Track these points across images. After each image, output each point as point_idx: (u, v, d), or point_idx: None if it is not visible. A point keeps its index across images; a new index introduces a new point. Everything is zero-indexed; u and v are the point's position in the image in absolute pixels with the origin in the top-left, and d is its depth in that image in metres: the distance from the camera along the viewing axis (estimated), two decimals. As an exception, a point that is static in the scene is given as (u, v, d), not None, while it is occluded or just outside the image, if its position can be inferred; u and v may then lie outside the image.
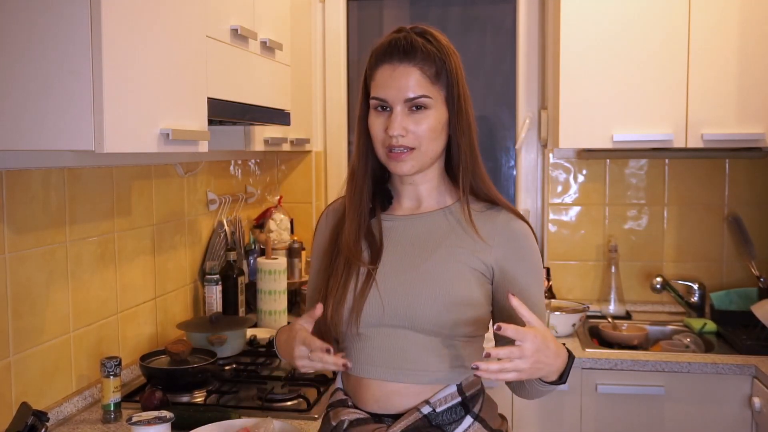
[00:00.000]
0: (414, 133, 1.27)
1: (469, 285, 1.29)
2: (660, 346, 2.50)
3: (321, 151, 3.21)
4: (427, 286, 1.28)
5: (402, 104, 1.27)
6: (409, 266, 1.31)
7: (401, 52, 1.27)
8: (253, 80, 2.03)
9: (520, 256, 1.33)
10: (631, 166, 2.88)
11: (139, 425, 1.43)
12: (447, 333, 1.28)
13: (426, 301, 1.27)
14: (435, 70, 1.28)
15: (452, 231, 1.33)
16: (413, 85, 1.26)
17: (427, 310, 1.27)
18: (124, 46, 1.33)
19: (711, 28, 2.45)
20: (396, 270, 1.31)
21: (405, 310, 1.28)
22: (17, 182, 1.60)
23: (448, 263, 1.30)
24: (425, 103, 1.27)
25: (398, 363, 1.29)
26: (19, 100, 1.28)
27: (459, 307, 1.27)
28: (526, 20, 3.00)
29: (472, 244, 1.31)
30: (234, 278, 2.51)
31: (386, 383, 1.30)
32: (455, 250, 1.31)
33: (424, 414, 1.26)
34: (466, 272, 1.29)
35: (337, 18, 3.17)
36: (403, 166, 1.29)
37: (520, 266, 1.32)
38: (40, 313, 1.68)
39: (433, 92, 1.28)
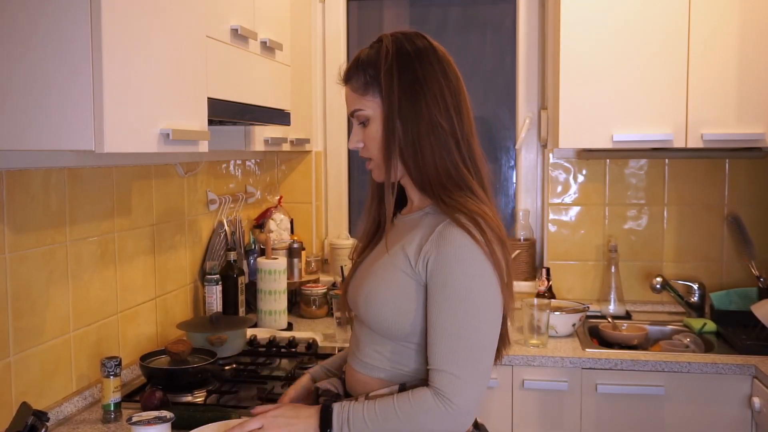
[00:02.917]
0: (366, 145, 1.36)
1: (392, 287, 1.28)
2: (660, 346, 2.50)
3: (321, 151, 3.21)
4: (366, 284, 1.34)
5: (354, 120, 1.37)
6: (371, 262, 1.38)
7: (344, 75, 1.37)
8: (253, 80, 2.03)
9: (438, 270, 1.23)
10: (631, 166, 2.88)
11: (139, 425, 1.43)
12: (382, 332, 1.32)
13: (362, 298, 1.34)
14: (362, 81, 1.32)
15: (408, 234, 1.32)
16: (349, 102, 1.37)
17: (361, 306, 1.34)
18: (124, 46, 1.33)
19: (711, 28, 2.45)
20: (364, 265, 1.41)
21: (352, 303, 1.40)
22: (17, 182, 1.60)
23: (387, 265, 1.31)
24: (361, 116, 1.35)
25: (356, 351, 1.39)
26: (19, 100, 1.28)
27: (383, 310, 1.29)
28: (526, 20, 3.00)
29: (412, 249, 1.28)
30: (234, 278, 2.51)
31: (351, 368, 1.40)
32: (398, 254, 1.30)
33: None
34: (396, 274, 1.28)
35: (337, 18, 3.17)
36: (374, 174, 1.39)
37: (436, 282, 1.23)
38: (40, 313, 1.68)
39: (365, 103, 1.33)
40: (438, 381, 1.22)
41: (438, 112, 1.28)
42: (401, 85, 1.28)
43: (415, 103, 1.28)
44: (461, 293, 1.22)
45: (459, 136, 1.30)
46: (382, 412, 1.22)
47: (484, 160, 1.37)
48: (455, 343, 1.21)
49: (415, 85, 1.28)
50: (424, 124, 1.28)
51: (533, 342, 2.35)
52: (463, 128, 1.32)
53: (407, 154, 1.30)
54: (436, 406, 1.21)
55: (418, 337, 1.29)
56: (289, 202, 3.18)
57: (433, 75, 1.30)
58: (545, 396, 2.29)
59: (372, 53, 1.33)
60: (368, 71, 1.31)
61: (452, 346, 1.21)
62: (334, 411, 1.24)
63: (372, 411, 1.23)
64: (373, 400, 1.24)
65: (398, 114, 1.29)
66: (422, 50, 1.31)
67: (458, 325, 1.21)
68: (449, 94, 1.31)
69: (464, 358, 1.21)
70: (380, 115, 1.31)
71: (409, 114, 1.28)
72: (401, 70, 1.29)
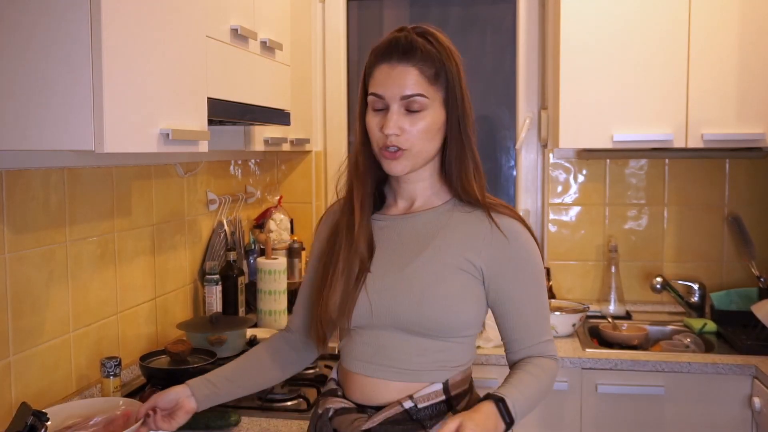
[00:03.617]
0: (408, 133, 1.27)
1: (452, 286, 1.29)
2: (660, 346, 2.50)
3: (321, 151, 3.21)
4: (411, 287, 1.29)
5: (398, 102, 1.27)
6: (397, 267, 1.32)
7: (400, 51, 1.27)
8: (253, 80, 2.03)
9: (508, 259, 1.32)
10: (631, 166, 2.88)
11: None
12: (430, 333, 1.30)
13: (408, 302, 1.29)
14: (434, 71, 1.27)
15: (441, 231, 1.33)
16: (411, 83, 1.26)
17: (408, 311, 1.29)
18: (124, 46, 1.33)
19: (711, 28, 2.45)
20: (385, 271, 1.33)
21: (389, 311, 1.30)
22: (17, 182, 1.59)
23: (432, 264, 1.30)
24: (421, 102, 1.27)
25: (382, 360, 1.32)
26: (19, 100, 1.28)
27: (441, 309, 1.28)
28: (526, 20, 3.00)
29: (460, 244, 1.31)
30: (234, 278, 2.51)
31: (371, 378, 1.33)
32: (441, 251, 1.31)
33: (406, 408, 1.28)
34: (451, 273, 1.30)
35: (337, 18, 3.17)
36: (396, 166, 1.30)
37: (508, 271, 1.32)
38: (40, 313, 1.68)
39: (431, 92, 1.28)
40: (550, 349, 1.38)
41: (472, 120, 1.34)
42: (461, 84, 1.31)
43: (467, 102, 1.32)
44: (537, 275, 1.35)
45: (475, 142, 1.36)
46: (530, 389, 1.31)
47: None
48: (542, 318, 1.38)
49: (465, 92, 1.32)
50: (471, 123, 1.33)
51: (533, 342, 2.35)
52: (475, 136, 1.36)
53: (455, 150, 1.32)
54: (556, 368, 1.39)
55: (471, 330, 1.35)
56: (289, 202, 3.18)
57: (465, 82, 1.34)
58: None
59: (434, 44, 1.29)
60: (436, 63, 1.28)
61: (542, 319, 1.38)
62: (507, 401, 1.26)
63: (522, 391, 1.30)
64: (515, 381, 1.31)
65: (459, 111, 1.30)
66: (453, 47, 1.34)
67: (541, 301, 1.37)
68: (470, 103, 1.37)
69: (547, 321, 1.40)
70: (442, 108, 1.30)
71: (465, 112, 1.31)
72: (460, 69, 1.31)
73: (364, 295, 1.32)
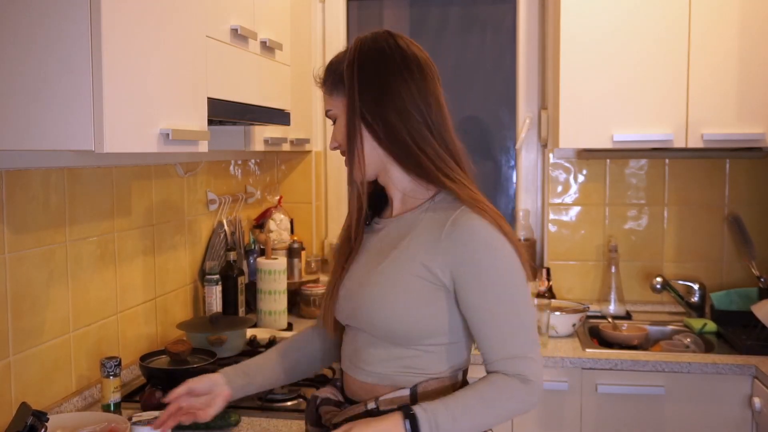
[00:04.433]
0: (339, 143, 1.36)
1: (407, 293, 1.26)
2: (660, 346, 2.50)
3: (321, 151, 3.21)
4: (370, 291, 1.30)
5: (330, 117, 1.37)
6: (364, 271, 1.34)
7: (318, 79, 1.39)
8: (253, 80, 2.03)
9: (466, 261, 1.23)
10: (631, 166, 2.88)
11: (139, 425, 1.43)
12: (391, 339, 1.29)
13: (366, 305, 1.30)
14: (330, 82, 1.35)
15: (407, 235, 1.30)
16: (324, 104, 1.38)
17: (366, 313, 1.30)
18: (124, 46, 1.33)
19: (711, 27, 2.45)
20: (356, 274, 1.36)
21: (352, 311, 1.34)
22: (17, 182, 1.60)
23: (390, 270, 1.28)
24: (331, 115, 1.36)
25: (356, 361, 1.35)
26: (19, 100, 1.28)
27: (393, 316, 1.26)
28: (526, 20, 3.00)
29: (419, 250, 1.27)
30: (234, 278, 2.51)
31: (350, 376, 1.37)
32: (401, 256, 1.28)
33: (368, 409, 1.29)
34: (407, 280, 1.26)
35: (337, 18, 3.17)
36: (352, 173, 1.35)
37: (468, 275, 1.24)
38: (40, 313, 1.68)
39: (333, 103, 1.35)
40: (519, 367, 1.24)
41: (402, 104, 1.28)
42: (361, 82, 1.29)
43: (376, 98, 1.29)
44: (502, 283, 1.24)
45: (431, 125, 1.29)
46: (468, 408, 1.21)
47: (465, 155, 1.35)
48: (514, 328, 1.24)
49: (376, 81, 1.29)
50: (393, 113, 1.28)
51: (533, 342, 2.35)
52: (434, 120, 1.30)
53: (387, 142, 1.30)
54: (524, 391, 1.24)
55: (440, 339, 1.29)
56: (289, 202, 3.18)
57: (395, 72, 1.29)
58: (545, 396, 2.28)
59: (340, 56, 1.36)
60: (336, 73, 1.34)
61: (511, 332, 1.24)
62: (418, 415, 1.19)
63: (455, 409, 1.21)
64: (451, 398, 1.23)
65: (360, 109, 1.29)
66: (383, 49, 1.31)
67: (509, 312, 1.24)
68: (415, 89, 1.29)
69: (525, 338, 1.25)
70: (344, 112, 1.33)
71: (372, 108, 1.29)
72: (361, 69, 1.30)
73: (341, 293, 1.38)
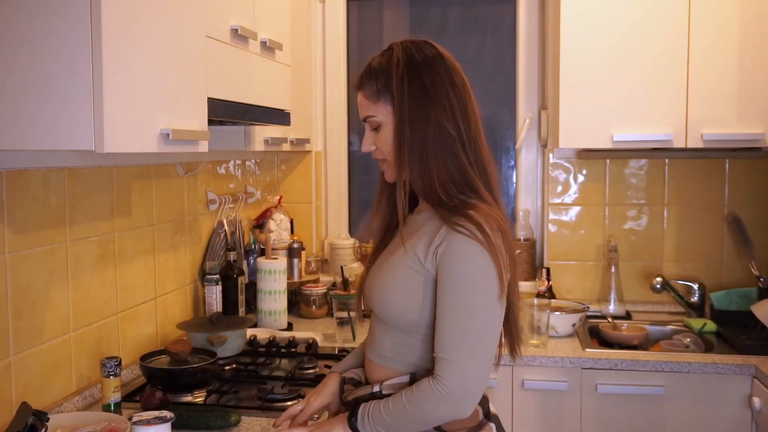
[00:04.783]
0: (380, 148, 1.42)
1: (406, 285, 1.36)
2: (660, 346, 2.50)
3: (321, 151, 3.21)
4: (378, 280, 1.43)
5: (366, 124, 1.44)
6: (383, 260, 1.46)
7: (356, 82, 1.44)
8: (253, 80, 2.03)
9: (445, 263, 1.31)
10: (631, 166, 2.88)
11: (139, 425, 1.43)
12: (394, 325, 1.41)
13: (375, 294, 1.43)
14: (375, 89, 1.39)
15: (417, 233, 1.39)
16: (362, 108, 1.43)
17: (375, 300, 1.43)
18: (124, 46, 1.33)
19: (711, 27, 2.45)
20: (378, 263, 1.49)
21: (368, 298, 1.47)
22: (17, 182, 1.60)
23: (396, 263, 1.39)
24: (374, 122, 1.41)
25: (371, 342, 1.50)
26: (19, 100, 1.28)
27: (393, 304, 1.38)
28: (526, 20, 3.00)
29: (422, 248, 1.35)
30: (234, 278, 2.51)
31: (368, 358, 1.50)
32: (408, 251, 1.37)
33: (373, 392, 1.42)
34: (408, 273, 1.36)
35: (337, 18, 3.17)
36: (386, 175, 1.45)
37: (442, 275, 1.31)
38: (40, 313, 1.68)
39: (377, 110, 1.40)
40: (436, 367, 1.30)
41: (445, 119, 1.35)
42: (411, 93, 1.35)
43: (423, 110, 1.35)
44: (463, 286, 1.29)
45: (465, 140, 1.37)
46: (395, 404, 1.32)
47: (492, 162, 1.42)
48: (453, 332, 1.29)
49: (423, 93, 1.35)
50: (432, 130, 1.35)
51: (533, 342, 2.35)
52: (470, 132, 1.38)
53: (412, 159, 1.36)
54: (432, 390, 1.29)
55: (423, 329, 1.37)
56: (289, 202, 3.18)
57: (440, 82, 1.36)
58: (545, 396, 2.29)
59: (383, 62, 1.39)
60: (380, 79, 1.38)
61: (450, 335, 1.29)
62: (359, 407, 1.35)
63: (387, 404, 1.33)
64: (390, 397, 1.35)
65: (408, 121, 1.35)
66: (430, 58, 1.38)
67: (458, 315, 1.29)
68: (456, 100, 1.37)
69: (460, 345, 1.29)
70: (391, 121, 1.38)
71: (418, 121, 1.35)
72: (411, 79, 1.36)
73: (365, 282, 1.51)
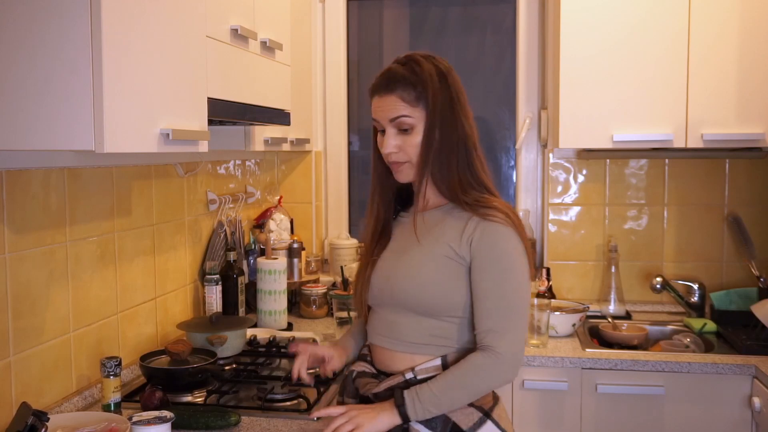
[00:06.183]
0: (404, 150, 1.51)
1: (437, 271, 1.48)
2: (660, 346, 2.50)
3: (321, 151, 3.22)
4: (403, 270, 1.52)
5: (390, 125, 1.50)
6: (396, 255, 1.56)
7: (384, 86, 1.50)
8: (253, 80, 2.03)
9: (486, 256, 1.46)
10: (631, 166, 2.88)
11: (139, 425, 1.43)
12: (422, 311, 1.50)
13: (400, 282, 1.51)
14: (415, 95, 1.48)
15: (438, 226, 1.52)
16: (393, 109, 1.49)
17: (400, 290, 1.51)
18: (124, 46, 1.33)
19: (711, 27, 2.45)
20: (389, 258, 1.58)
21: (387, 290, 1.54)
22: (17, 182, 1.60)
23: (426, 252, 1.50)
24: (406, 123, 1.49)
25: (391, 333, 1.54)
26: (19, 100, 1.28)
27: (428, 289, 1.48)
28: (526, 20, 3.00)
29: (451, 237, 1.49)
30: (234, 278, 2.51)
31: (385, 349, 1.56)
32: (434, 242, 1.50)
33: (406, 379, 1.48)
34: (439, 259, 1.48)
35: (337, 18, 3.17)
36: (400, 176, 1.55)
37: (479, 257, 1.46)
38: (40, 313, 1.68)
39: (414, 113, 1.49)
40: (484, 340, 1.45)
41: (466, 124, 1.51)
42: (443, 101, 1.49)
43: (452, 116, 1.50)
44: (503, 265, 1.46)
45: (476, 142, 1.53)
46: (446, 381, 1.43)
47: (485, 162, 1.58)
48: (497, 306, 1.45)
49: (452, 101, 1.50)
50: (456, 135, 1.50)
51: (533, 342, 2.35)
52: (476, 135, 1.54)
53: (438, 161, 1.49)
54: (486, 361, 1.43)
55: (460, 312, 1.49)
56: (289, 202, 3.18)
57: (461, 91, 1.53)
58: (545, 396, 2.29)
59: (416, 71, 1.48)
60: (418, 86, 1.48)
61: (495, 309, 1.45)
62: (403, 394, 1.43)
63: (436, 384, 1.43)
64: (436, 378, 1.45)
65: (439, 126, 1.48)
66: (448, 69, 1.53)
67: (500, 290, 1.45)
68: (468, 107, 1.54)
69: (505, 317, 1.45)
70: (424, 125, 1.49)
71: (447, 126, 1.49)
72: (444, 88, 1.49)
73: (373, 279, 1.58)
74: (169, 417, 1.47)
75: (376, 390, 1.51)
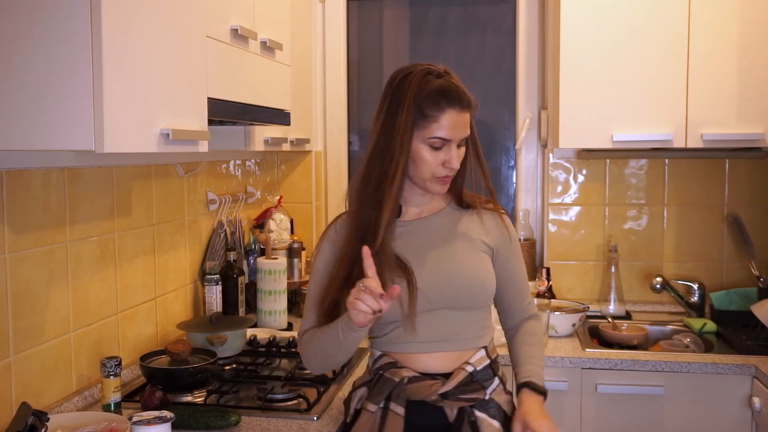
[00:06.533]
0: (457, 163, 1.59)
1: (481, 265, 1.61)
2: (660, 346, 2.50)
3: (321, 151, 3.22)
4: (461, 273, 1.59)
5: (459, 142, 1.55)
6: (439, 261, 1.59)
7: (465, 102, 1.53)
8: (253, 80, 2.03)
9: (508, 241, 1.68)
10: (631, 166, 2.88)
11: (139, 425, 1.43)
12: (471, 306, 1.61)
13: (458, 284, 1.58)
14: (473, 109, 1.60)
15: (456, 226, 1.64)
16: (468, 126, 1.56)
17: (465, 291, 1.59)
18: (124, 46, 1.33)
19: (711, 27, 2.45)
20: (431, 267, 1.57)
21: (447, 296, 1.57)
22: (17, 182, 1.60)
23: (468, 251, 1.61)
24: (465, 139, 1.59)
25: (438, 336, 1.59)
26: (19, 100, 1.28)
27: (483, 284, 1.61)
28: (526, 20, 3.00)
29: (477, 232, 1.64)
30: (234, 278, 2.51)
31: (433, 353, 1.59)
32: (466, 240, 1.62)
33: (469, 372, 1.57)
34: (477, 255, 1.62)
35: (337, 18, 3.17)
36: (445, 188, 1.59)
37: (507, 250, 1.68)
38: (40, 313, 1.68)
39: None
40: (529, 310, 1.76)
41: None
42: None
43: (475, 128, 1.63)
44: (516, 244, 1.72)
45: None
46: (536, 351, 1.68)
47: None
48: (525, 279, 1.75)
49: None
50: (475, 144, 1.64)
51: (533, 342, 2.35)
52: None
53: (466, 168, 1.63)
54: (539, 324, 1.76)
55: (490, 300, 1.68)
56: (289, 202, 3.18)
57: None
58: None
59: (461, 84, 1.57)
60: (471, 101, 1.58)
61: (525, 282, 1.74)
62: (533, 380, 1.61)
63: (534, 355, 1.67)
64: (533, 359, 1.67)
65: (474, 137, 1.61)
66: None
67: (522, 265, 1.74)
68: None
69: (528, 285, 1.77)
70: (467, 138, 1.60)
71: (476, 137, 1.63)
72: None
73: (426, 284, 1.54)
74: (169, 417, 1.47)
75: (443, 390, 1.54)
